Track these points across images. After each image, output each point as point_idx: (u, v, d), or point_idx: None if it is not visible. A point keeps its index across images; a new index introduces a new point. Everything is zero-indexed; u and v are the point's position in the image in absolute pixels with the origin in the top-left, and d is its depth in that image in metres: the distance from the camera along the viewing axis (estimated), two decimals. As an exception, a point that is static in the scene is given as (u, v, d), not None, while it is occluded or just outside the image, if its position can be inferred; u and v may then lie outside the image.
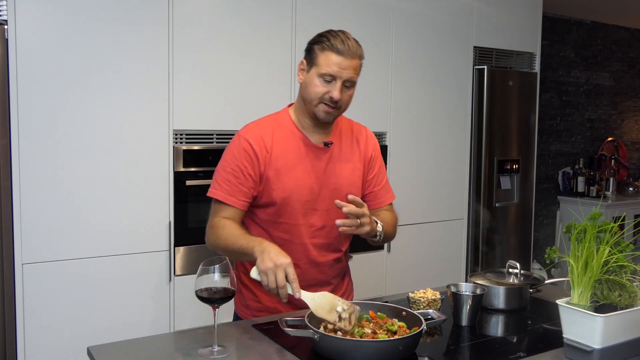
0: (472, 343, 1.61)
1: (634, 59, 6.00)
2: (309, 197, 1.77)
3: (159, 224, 2.77)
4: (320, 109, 1.71)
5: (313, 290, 1.67)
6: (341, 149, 1.83)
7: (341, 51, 1.67)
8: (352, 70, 1.69)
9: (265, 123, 1.79)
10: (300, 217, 1.77)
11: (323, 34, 1.73)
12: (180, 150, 2.80)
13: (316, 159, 1.78)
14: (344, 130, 1.87)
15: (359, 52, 1.71)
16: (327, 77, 1.68)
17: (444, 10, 3.62)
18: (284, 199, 1.75)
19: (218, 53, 2.87)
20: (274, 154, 1.74)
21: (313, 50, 1.72)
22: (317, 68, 1.69)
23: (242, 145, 1.73)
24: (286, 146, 1.76)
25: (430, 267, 3.69)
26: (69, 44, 2.52)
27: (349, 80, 1.70)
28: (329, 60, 1.67)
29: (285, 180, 1.74)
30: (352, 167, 1.84)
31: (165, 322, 2.81)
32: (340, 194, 1.79)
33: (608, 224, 1.43)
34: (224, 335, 1.58)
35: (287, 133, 1.78)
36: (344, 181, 1.82)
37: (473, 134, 3.84)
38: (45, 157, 2.50)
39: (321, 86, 1.69)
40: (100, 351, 1.48)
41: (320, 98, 1.70)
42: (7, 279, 2.45)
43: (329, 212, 1.79)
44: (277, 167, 1.73)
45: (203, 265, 1.49)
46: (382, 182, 1.93)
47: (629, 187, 5.62)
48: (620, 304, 1.40)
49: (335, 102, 1.70)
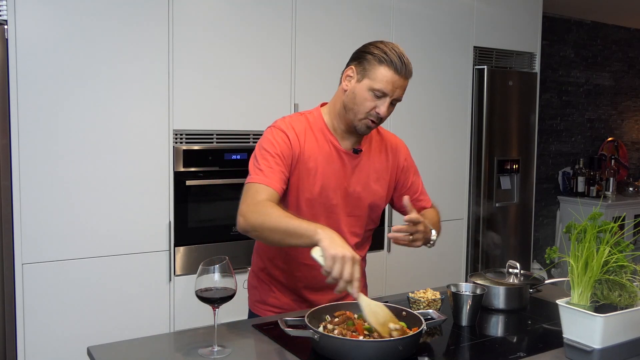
0: (472, 343, 1.61)
1: (634, 59, 6.00)
2: (333, 201, 1.75)
3: (159, 224, 2.77)
4: (364, 123, 1.69)
5: (327, 292, 1.69)
6: (370, 157, 1.81)
7: (399, 70, 1.64)
8: (402, 90, 1.67)
9: (299, 121, 1.76)
10: (322, 221, 1.72)
11: (379, 45, 1.67)
12: (180, 150, 2.80)
13: (344, 164, 1.76)
14: (375, 138, 1.85)
15: (412, 72, 1.68)
16: (379, 92, 1.64)
17: (444, 10, 3.62)
18: (309, 200, 1.73)
19: (218, 53, 2.87)
20: (306, 153, 1.71)
21: (368, 61, 1.66)
22: (370, 81, 1.65)
23: (279, 135, 1.70)
24: (317, 148, 1.73)
25: (430, 267, 3.68)
26: (69, 44, 2.52)
27: (396, 99, 1.68)
28: (385, 76, 1.63)
29: (313, 182, 1.72)
30: (377, 177, 1.83)
31: (165, 322, 2.81)
32: (363, 202, 1.79)
33: (608, 224, 1.43)
34: (224, 335, 1.58)
35: (319, 134, 1.75)
36: (369, 191, 1.81)
37: (473, 134, 3.84)
38: (45, 157, 2.50)
39: (370, 100, 1.65)
40: (100, 351, 1.48)
41: (366, 112, 1.67)
42: (7, 279, 2.45)
43: (351, 218, 1.79)
44: (307, 167, 1.71)
45: (203, 265, 1.49)
46: (418, 189, 1.96)
47: (629, 187, 5.62)
48: (620, 304, 1.40)
49: (380, 118, 1.68)
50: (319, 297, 1.81)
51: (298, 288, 1.83)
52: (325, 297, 1.80)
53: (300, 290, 1.83)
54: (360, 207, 1.80)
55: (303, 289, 1.83)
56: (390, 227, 3.46)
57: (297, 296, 1.84)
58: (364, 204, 1.79)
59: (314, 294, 1.82)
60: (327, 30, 3.19)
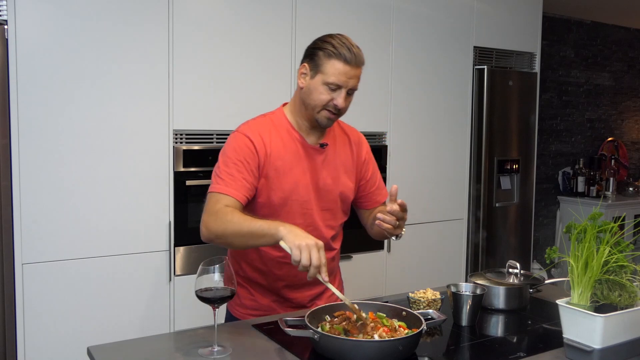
0: (472, 343, 1.61)
1: (634, 59, 6.00)
2: (306, 197, 1.78)
3: (159, 224, 2.77)
4: (323, 115, 1.72)
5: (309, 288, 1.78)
6: (335, 151, 1.85)
7: (348, 60, 1.67)
8: (356, 79, 1.71)
9: (262, 123, 1.79)
10: (297, 217, 1.77)
11: (327, 39, 1.71)
12: (180, 150, 2.80)
13: (312, 159, 1.80)
14: (337, 133, 1.89)
15: (363, 60, 1.72)
16: (333, 85, 1.68)
17: (444, 10, 3.62)
18: (282, 198, 1.75)
19: (218, 53, 2.87)
20: (273, 154, 1.74)
21: (318, 56, 1.70)
22: (323, 76, 1.68)
23: (243, 141, 1.73)
24: (283, 147, 1.76)
25: (430, 267, 3.68)
26: (69, 44, 2.52)
27: (352, 89, 1.72)
28: (336, 69, 1.67)
29: (284, 181, 1.75)
30: (345, 169, 1.86)
31: (165, 322, 2.81)
32: (334, 194, 1.83)
33: (608, 224, 1.43)
34: (224, 335, 1.58)
35: (283, 133, 1.78)
36: (339, 183, 1.84)
37: (473, 134, 3.84)
38: (45, 157, 2.50)
39: (326, 94, 1.69)
40: (100, 351, 1.48)
41: (324, 105, 1.71)
42: (7, 279, 2.45)
43: (324, 212, 1.82)
44: (276, 167, 1.74)
45: (203, 265, 1.49)
46: (376, 183, 1.96)
47: (629, 187, 5.62)
48: (620, 304, 1.40)
49: (338, 110, 1.72)
50: (298, 295, 1.84)
51: (278, 288, 1.84)
52: (305, 293, 1.85)
53: (281, 290, 1.84)
54: (332, 199, 1.84)
55: (283, 289, 1.84)
56: (390, 227, 3.47)
57: (278, 296, 1.84)
58: (335, 196, 1.83)
59: (295, 292, 1.84)
60: (327, 30, 3.15)
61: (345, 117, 1.92)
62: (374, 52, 3.34)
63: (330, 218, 1.83)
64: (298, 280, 1.81)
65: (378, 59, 3.36)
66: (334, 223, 1.86)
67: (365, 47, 3.22)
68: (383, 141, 3.43)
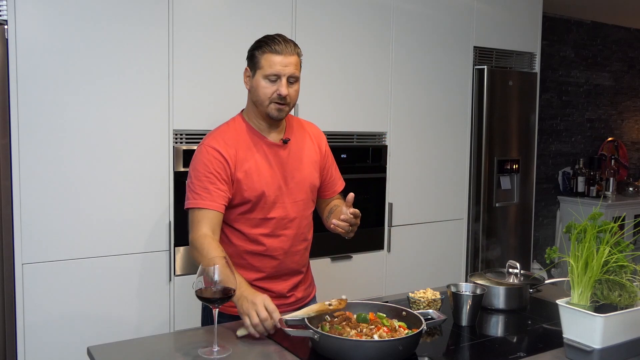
0: (472, 343, 1.61)
1: (634, 59, 6.00)
2: (278, 191, 1.89)
3: (159, 224, 2.77)
4: (272, 108, 1.83)
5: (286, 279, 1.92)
6: (298, 145, 1.97)
7: (279, 51, 1.80)
8: (293, 67, 1.82)
9: (225, 130, 1.90)
10: (272, 211, 1.89)
11: (260, 39, 1.85)
12: (180, 150, 2.80)
13: (278, 156, 1.91)
14: (296, 128, 2.00)
15: (296, 50, 1.84)
16: (272, 77, 1.80)
17: (444, 10, 3.62)
18: (257, 196, 1.86)
19: (218, 53, 2.87)
20: (239, 157, 1.85)
21: (254, 56, 1.84)
22: (261, 71, 1.82)
23: (210, 153, 1.83)
24: (248, 149, 1.87)
25: (430, 267, 3.68)
26: (69, 44, 2.52)
27: (292, 76, 1.83)
28: (271, 61, 1.80)
29: (255, 180, 1.85)
30: (310, 160, 1.99)
31: (165, 322, 2.81)
32: (304, 185, 1.95)
33: (608, 224, 1.43)
34: (224, 335, 1.58)
35: (247, 136, 1.89)
36: (306, 173, 1.96)
37: (473, 134, 3.84)
38: (45, 157, 2.50)
39: (268, 87, 1.82)
40: (100, 351, 1.48)
41: (269, 98, 1.82)
42: (7, 279, 2.45)
43: (297, 203, 1.93)
44: (245, 169, 1.85)
45: (203, 265, 1.49)
46: (334, 173, 2.09)
47: (629, 187, 5.62)
48: (620, 304, 1.40)
49: (284, 98, 1.82)
50: (277, 286, 1.93)
51: (257, 279, 1.91)
52: (283, 284, 1.94)
53: (260, 282, 1.91)
54: (302, 190, 1.95)
55: (262, 280, 1.92)
56: (390, 226, 3.48)
57: (258, 288, 1.88)
58: (306, 187, 1.96)
59: (273, 283, 1.93)
60: (327, 30, 3.18)
61: (346, 117, 1.93)
62: (374, 52, 3.34)
63: (303, 208, 1.95)
64: (276, 272, 1.93)
65: (378, 59, 3.37)
66: (306, 213, 1.98)
67: (365, 47, 3.23)
68: (383, 141, 3.43)
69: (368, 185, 3.38)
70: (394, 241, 3.51)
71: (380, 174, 3.42)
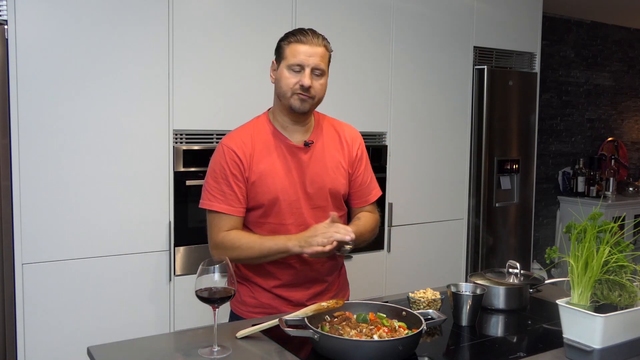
0: (472, 343, 1.61)
1: (634, 59, 6.00)
2: (294, 196, 1.80)
3: (159, 224, 2.77)
4: (295, 99, 1.75)
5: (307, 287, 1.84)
6: (324, 148, 1.86)
7: (304, 41, 1.74)
8: (318, 57, 1.75)
9: (245, 129, 1.84)
10: (288, 217, 1.81)
11: (286, 33, 1.80)
12: (180, 150, 2.80)
13: (298, 159, 1.82)
14: (326, 129, 1.90)
15: (324, 42, 1.78)
16: (296, 67, 1.74)
17: (444, 10, 3.62)
18: (270, 200, 1.79)
19: (218, 53, 2.87)
20: (256, 158, 1.78)
21: (281, 48, 1.79)
22: (285, 61, 1.76)
23: (227, 155, 1.78)
24: (267, 149, 1.80)
25: (430, 267, 3.69)
26: (69, 44, 2.52)
27: (317, 68, 1.75)
28: (295, 50, 1.74)
29: (270, 183, 1.78)
30: (335, 166, 1.87)
31: (165, 322, 2.81)
32: (324, 191, 1.84)
33: (608, 224, 1.43)
34: (224, 335, 1.58)
35: (267, 136, 1.82)
36: (328, 179, 1.85)
37: (473, 134, 3.84)
38: (45, 157, 2.50)
39: (291, 77, 1.74)
40: (100, 351, 1.48)
41: (292, 89, 1.75)
42: (7, 279, 2.45)
43: (315, 210, 1.83)
44: (260, 171, 1.78)
45: (203, 265, 1.49)
46: (367, 180, 1.96)
47: (629, 187, 5.62)
48: (620, 304, 1.40)
49: (307, 90, 1.74)
50: (295, 294, 1.85)
51: (274, 286, 1.85)
52: (302, 293, 1.85)
53: (276, 289, 1.85)
54: (322, 197, 1.85)
55: (279, 288, 1.85)
56: (390, 226, 3.48)
57: (275, 295, 1.85)
58: (325, 193, 1.84)
59: (291, 291, 1.85)
60: (327, 30, 3.16)
61: (345, 116, 1.92)
62: (374, 52, 3.34)
63: (321, 215, 1.83)
64: (294, 279, 1.84)
65: (378, 59, 3.36)
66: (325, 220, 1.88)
67: (365, 47, 3.23)
68: (383, 141, 3.43)
69: (368, 185, 3.37)
70: (394, 241, 3.51)
71: (380, 174, 3.42)
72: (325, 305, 1.56)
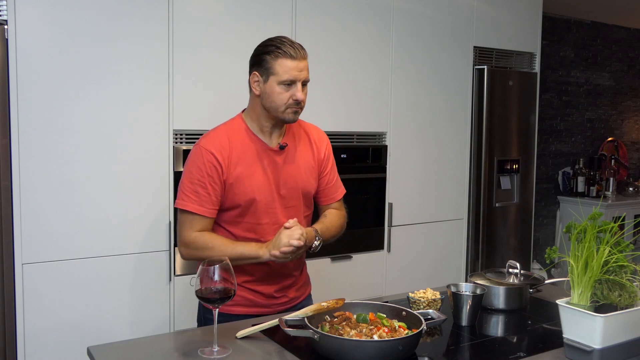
0: (472, 343, 1.61)
1: (634, 59, 6.00)
2: (269, 197, 1.87)
3: (159, 224, 2.77)
4: (289, 112, 1.82)
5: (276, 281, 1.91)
6: (296, 150, 1.94)
7: (294, 56, 1.78)
8: (306, 71, 1.82)
9: (222, 131, 1.88)
10: (264, 217, 1.88)
11: (268, 43, 1.83)
12: (180, 150, 2.80)
13: (273, 161, 1.89)
14: (296, 131, 1.98)
15: (306, 54, 1.84)
16: (288, 82, 1.78)
17: (444, 10, 3.62)
18: (247, 201, 1.85)
19: (218, 53, 2.87)
20: (233, 160, 1.83)
21: (265, 61, 1.81)
22: (276, 77, 1.79)
23: (205, 156, 1.82)
24: (243, 152, 1.85)
25: (430, 267, 3.69)
26: (68, 44, 2.52)
27: (305, 80, 1.83)
28: (286, 66, 1.78)
29: (247, 184, 1.84)
30: (307, 166, 1.95)
31: (165, 322, 2.81)
32: (296, 192, 1.92)
33: (608, 224, 1.43)
34: (224, 335, 1.58)
35: (243, 139, 1.87)
36: (300, 180, 1.93)
37: (473, 134, 3.84)
38: (45, 157, 2.50)
39: (284, 92, 1.79)
40: (100, 351, 1.48)
41: (285, 104, 1.80)
42: (7, 279, 2.45)
43: (288, 209, 1.91)
44: (237, 173, 1.83)
45: (203, 265, 1.49)
46: (333, 179, 2.05)
47: (629, 187, 5.62)
48: (620, 304, 1.40)
49: (299, 103, 1.81)
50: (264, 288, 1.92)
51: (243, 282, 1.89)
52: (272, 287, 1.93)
53: (246, 284, 1.90)
54: (295, 197, 1.93)
55: (249, 283, 1.90)
56: (390, 226, 3.48)
57: (245, 288, 1.90)
58: (298, 194, 1.93)
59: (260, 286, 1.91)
60: (327, 30, 3.19)
61: (346, 116, 1.92)
62: (374, 52, 3.34)
63: (294, 214, 1.91)
64: (266, 275, 1.91)
65: (378, 59, 3.36)
66: (298, 219, 1.93)
67: (365, 47, 3.23)
68: (383, 141, 3.43)
69: (368, 185, 3.38)
70: (394, 241, 3.51)
71: (380, 174, 3.42)
72: (325, 305, 1.56)
